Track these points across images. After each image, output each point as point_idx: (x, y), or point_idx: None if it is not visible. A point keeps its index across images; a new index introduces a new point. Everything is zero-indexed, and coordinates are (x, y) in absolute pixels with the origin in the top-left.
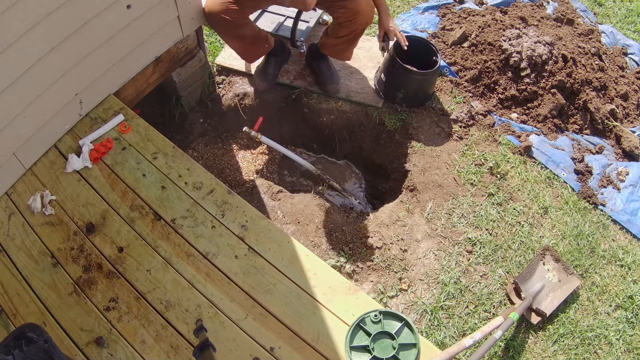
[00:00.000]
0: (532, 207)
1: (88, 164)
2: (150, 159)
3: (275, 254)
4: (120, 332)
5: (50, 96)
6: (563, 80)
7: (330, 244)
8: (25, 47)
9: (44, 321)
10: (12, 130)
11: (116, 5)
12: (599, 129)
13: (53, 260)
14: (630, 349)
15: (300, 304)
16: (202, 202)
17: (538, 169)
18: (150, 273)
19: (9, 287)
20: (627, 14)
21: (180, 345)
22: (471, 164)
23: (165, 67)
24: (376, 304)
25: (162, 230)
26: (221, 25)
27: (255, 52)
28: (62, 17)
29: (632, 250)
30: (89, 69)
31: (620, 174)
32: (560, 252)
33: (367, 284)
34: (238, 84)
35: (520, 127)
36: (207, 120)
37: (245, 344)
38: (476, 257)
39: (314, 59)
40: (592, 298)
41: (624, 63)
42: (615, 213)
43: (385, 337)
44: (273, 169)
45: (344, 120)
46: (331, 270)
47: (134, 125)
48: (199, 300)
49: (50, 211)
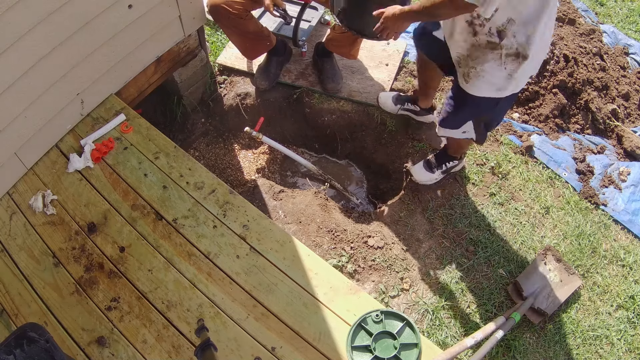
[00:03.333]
0: (533, 207)
1: (90, 163)
2: (151, 159)
3: (277, 253)
4: (122, 331)
5: (51, 96)
6: (564, 80)
7: (331, 244)
8: (26, 47)
9: (45, 321)
10: (13, 130)
11: (117, 5)
12: (600, 129)
13: (54, 260)
14: (631, 349)
15: (301, 303)
16: (204, 202)
17: (539, 169)
18: (151, 273)
19: (10, 287)
20: (629, 14)
21: (181, 345)
22: (472, 163)
23: (166, 66)
24: (377, 303)
25: (164, 230)
26: (224, 17)
27: (257, 49)
28: (63, 17)
29: (633, 250)
30: (91, 69)
31: (622, 174)
32: (562, 252)
33: (369, 283)
34: (240, 83)
35: (522, 126)
36: (208, 120)
37: (246, 344)
38: (477, 257)
39: (319, 56)
40: (593, 298)
41: (626, 63)
42: (617, 213)
43: (387, 337)
44: (274, 168)
45: (346, 120)
46: (332, 270)
47: (135, 125)
48: (201, 300)
49: (52, 211)
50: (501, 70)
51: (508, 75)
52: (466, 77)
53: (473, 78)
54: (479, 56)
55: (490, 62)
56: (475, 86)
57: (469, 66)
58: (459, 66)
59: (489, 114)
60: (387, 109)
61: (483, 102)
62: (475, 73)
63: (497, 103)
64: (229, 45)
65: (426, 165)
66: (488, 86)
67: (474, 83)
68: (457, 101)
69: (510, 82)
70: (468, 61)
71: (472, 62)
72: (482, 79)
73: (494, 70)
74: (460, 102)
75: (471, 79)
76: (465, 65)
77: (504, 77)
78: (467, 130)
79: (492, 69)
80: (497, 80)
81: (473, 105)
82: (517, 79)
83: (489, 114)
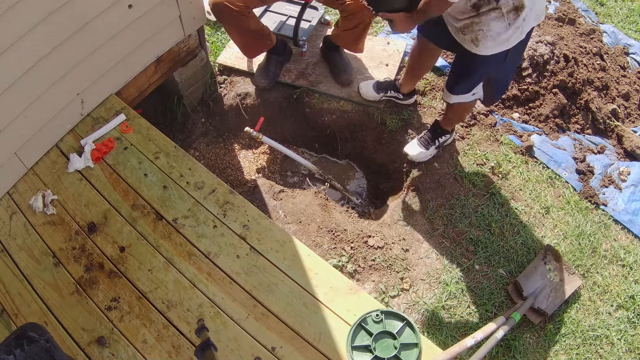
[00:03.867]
0: (533, 207)
1: (90, 163)
2: (151, 159)
3: (277, 253)
4: (122, 331)
5: (51, 96)
6: (565, 80)
7: (331, 244)
8: (26, 47)
9: (45, 321)
10: (13, 130)
11: (117, 5)
12: (600, 129)
13: (55, 259)
14: (631, 349)
15: (301, 303)
16: (204, 201)
17: (540, 169)
18: (151, 273)
19: (10, 287)
20: (629, 14)
21: (181, 345)
22: (473, 163)
23: (166, 66)
24: (378, 303)
25: (164, 230)
26: (226, 15)
27: (257, 48)
28: (63, 17)
29: (633, 250)
30: (91, 69)
31: (622, 173)
32: (562, 252)
33: (369, 283)
34: (240, 83)
35: (522, 126)
36: (208, 120)
37: (246, 344)
38: (478, 257)
39: (328, 49)
40: (593, 298)
41: (626, 63)
42: (617, 213)
43: (387, 337)
44: (275, 168)
45: (346, 120)
46: (333, 270)
47: (135, 125)
48: (201, 299)
49: (52, 211)
50: (505, 25)
51: (512, 27)
52: (475, 41)
53: (482, 40)
54: (482, 20)
55: (494, 21)
56: (485, 47)
57: (475, 31)
58: (464, 34)
59: (499, 70)
60: (370, 97)
61: (493, 59)
62: (483, 34)
63: (506, 56)
64: (229, 45)
65: (420, 142)
66: (496, 43)
67: (484, 44)
68: (468, 67)
69: (515, 32)
70: (473, 27)
71: (477, 27)
72: (490, 38)
73: (499, 27)
74: (470, 66)
75: (480, 41)
76: (471, 31)
77: (510, 30)
78: (476, 91)
79: (497, 26)
80: (504, 35)
81: (483, 65)
82: (521, 28)
83: (499, 69)
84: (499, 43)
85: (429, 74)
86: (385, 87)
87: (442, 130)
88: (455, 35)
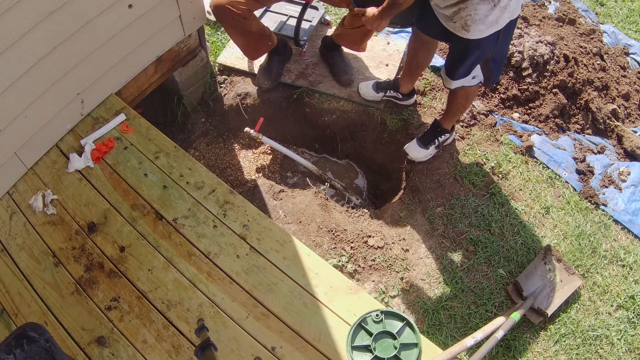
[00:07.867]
0: (533, 207)
1: (90, 163)
2: (152, 159)
3: (277, 253)
4: (122, 331)
5: (51, 96)
6: (565, 80)
7: (331, 244)
8: (26, 47)
9: (45, 321)
10: (13, 130)
11: (118, 5)
12: (600, 129)
13: (55, 259)
14: (631, 349)
15: (301, 303)
16: (204, 201)
17: (540, 169)
18: (151, 272)
19: (10, 287)
20: (629, 14)
21: (181, 345)
22: (473, 163)
23: (166, 66)
24: (378, 303)
25: (164, 229)
26: (228, 18)
27: (259, 49)
28: (63, 17)
29: (633, 251)
30: (91, 69)
31: (622, 174)
32: (562, 252)
33: (369, 283)
34: (240, 83)
35: (522, 126)
36: (208, 119)
37: (246, 344)
38: (477, 257)
39: (328, 50)
40: (593, 298)
41: (626, 63)
42: (617, 213)
43: (387, 337)
44: (274, 168)
45: (346, 120)
46: (333, 269)
47: (135, 124)
48: (201, 299)
49: (52, 210)
50: (491, 6)
51: (498, 6)
52: (465, 27)
53: (472, 24)
54: (468, 5)
55: (480, 4)
56: (477, 30)
57: (463, 17)
58: (454, 22)
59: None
60: (369, 97)
61: (486, 41)
62: (472, 19)
63: (498, 36)
64: (229, 45)
65: (420, 142)
66: (486, 25)
67: (475, 28)
68: (463, 52)
69: (503, 12)
70: (461, 13)
71: (464, 12)
72: (479, 22)
73: (485, 9)
74: (465, 51)
75: (470, 25)
76: (460, 18)
77: (497, 10)
78: (476, 74)
79: (483, 8)
80: (491, 17)
81: (478, 48)
82: (509, 8)
83: (493, 49)
84: (488, 25)
85: (429, 74)
86: (385, 87)
87: (442, 129)
88: (445, 24)
